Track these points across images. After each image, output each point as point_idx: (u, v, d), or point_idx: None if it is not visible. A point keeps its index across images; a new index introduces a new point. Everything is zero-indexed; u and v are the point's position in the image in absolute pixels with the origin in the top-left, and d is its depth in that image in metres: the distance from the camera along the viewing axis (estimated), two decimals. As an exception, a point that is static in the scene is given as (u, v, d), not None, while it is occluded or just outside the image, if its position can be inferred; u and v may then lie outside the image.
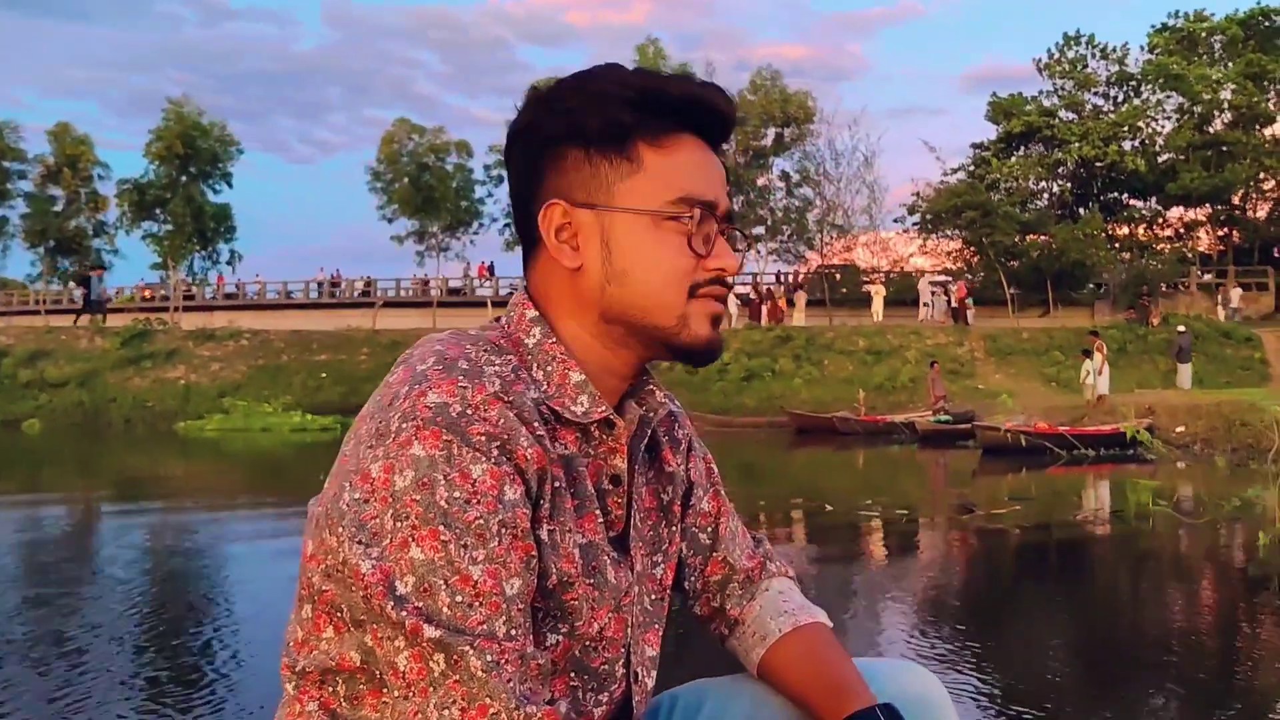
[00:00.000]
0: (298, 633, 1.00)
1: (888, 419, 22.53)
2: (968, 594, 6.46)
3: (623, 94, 1.00)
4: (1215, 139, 40.91)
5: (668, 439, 1.19)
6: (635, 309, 1.03)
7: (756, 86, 35.15)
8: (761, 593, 1.25)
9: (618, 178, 1.01)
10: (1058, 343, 31.11)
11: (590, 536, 1.02)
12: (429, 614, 0.88)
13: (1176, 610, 6.03)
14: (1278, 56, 42.44)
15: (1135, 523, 8.82)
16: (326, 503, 0.95)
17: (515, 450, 0.92)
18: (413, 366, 0.96)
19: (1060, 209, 41.79)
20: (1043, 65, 47.20)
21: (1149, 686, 4.33)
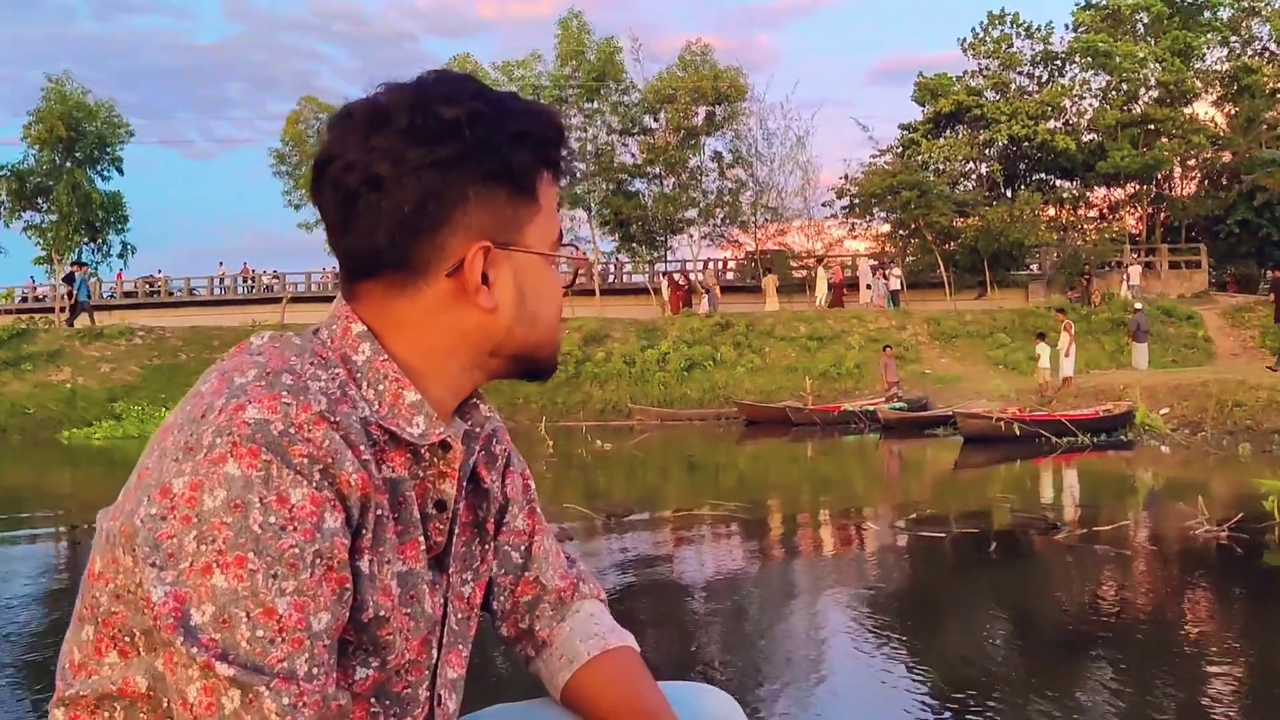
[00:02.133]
0: (74, 655, 0.94)
1: (841, 407, 21.15)
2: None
3: (538, 133, 0.99)
4: (1143, 117, 40.44)
5: (484, 454, 1.13)
6: (535, 345, 1.04)
7: (685, 63, 33.53)
8: (572, 614, 1.22)
9: (526, 219, 1.00)
10: (1001, 325, 30.24)
11: (410, 564, 0.99)
12: (225, 648, 0.82)
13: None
14: (1200, 33, 42.20)
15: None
16: (120, 517, 0.88)
17: (339, 475, 0.87)
18: (229, 377, 0.89)
19: (990, 190, 40.95)
20: (967, 45, 46.43)
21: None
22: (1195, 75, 41.79)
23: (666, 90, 32.68)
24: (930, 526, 7.55)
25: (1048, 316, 31.13)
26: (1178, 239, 40.52)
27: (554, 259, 1.05)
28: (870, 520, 8.05)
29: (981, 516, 8.35)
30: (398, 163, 0.94)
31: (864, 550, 6.97)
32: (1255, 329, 29.63)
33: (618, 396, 25.28)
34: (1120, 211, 44.57)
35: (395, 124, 0.95)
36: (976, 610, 5.33)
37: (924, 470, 13.54)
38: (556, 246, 1.05)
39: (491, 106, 0.98)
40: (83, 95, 31.64)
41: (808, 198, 35.51)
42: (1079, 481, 11.75)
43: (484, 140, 0.96)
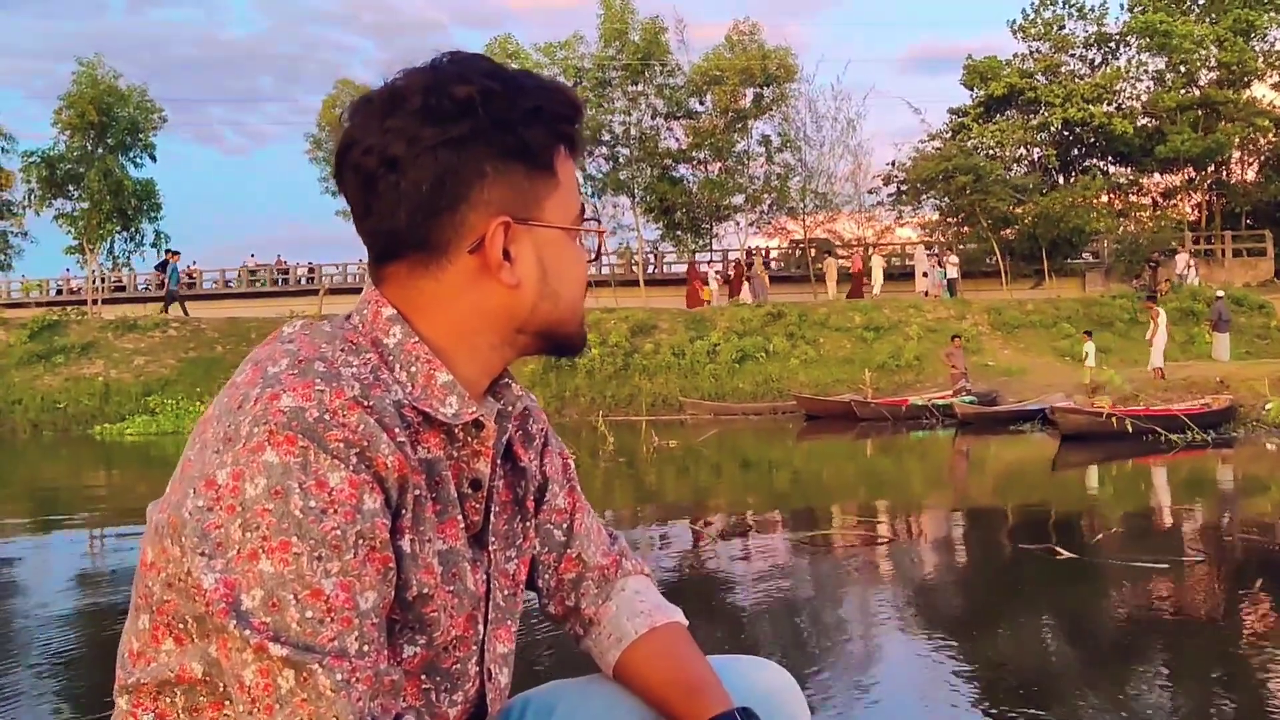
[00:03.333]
0: (133, 644, 0.96)
1: (909, 401, 20.00)
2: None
3: (553, 109, 1.00)
4: (1204, 99, 38.92)
5: (521, 434, 1.15)
6: (559, 322, 1.05)
7: (733, 43, 32.36)
8: (617, 593, 1.23)
9: (546, 194, 1.01)
10: (1064, 314, 28.98)
11: (450, 542, 1.00)
12: (277, 630, 0.85)
13: None
14: (1262, 11, 40.61)
15: None
16: (168, 509, 0.91)
17: (375, 458, 0.89)
18: (263, 367, 0.91)
19: (1044, 175, 39.56)
20: (1017, 28, 45.03)
21: None
22: (1258, 56, 40.25)
23: (713, 71, 31.55)
24: (1137, 552, 6.23)
25: (1113, 305, 29.92)
26: (1238, 226, 39.01)
27: (576, 233, 1.04)
28: (1062, 546, 6.44)
29: (1194, 538, 7.10)
30: (412, 143, 0.95)
31: (1098, 591, 5.27)
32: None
33: (668, 389, 24.24)
34: (1176, 197, 43.07)
35: (409, 105, 0.95)
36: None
37: (1039, 473, 12.38)
38: (579, 221, 1.05)
39: (504, 84, 0.98)
40: (114, 80, 30.85)
41: (858, 183, 34.22)
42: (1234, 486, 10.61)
43: (498, 117, 0.96)
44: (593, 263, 1.10)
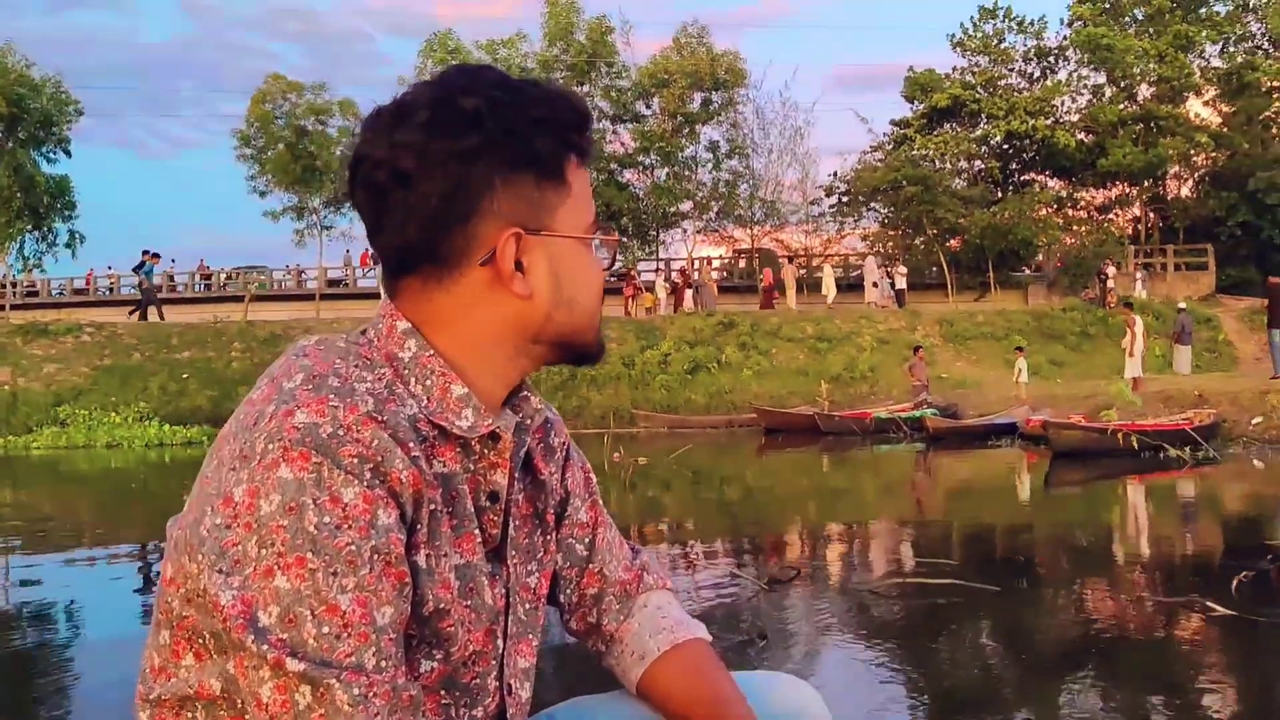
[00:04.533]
0: (154, 659, 0.96)
1: (872, 414, 19.24)
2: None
3: (563, 118, 1.00)
4: (1145, 113, 39.06)
5: (542, 446, 1.14)
6: (575, 331, 1.03)
7: (680, 45, 31.46)
8: (639, 609, 1.22)
9: (558, 203, 1.00)
10: (1015, 326, 28.62)
11: (468, 556, 0.99)
12: (294, 646, 0.84)
13: None
14: (1201, 27, 40.97)
15: None
16: (186, 527, 0.90)
17: (389, 473, 0.88)
18: (278, 383, 0.91)
19: (988, 187, 39.34)
20: (956, 41, 44.95)
21: None
22: (1196, 71, 40.57)
23: (661, 74, 30.64)
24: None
25: (1063, 318, 29.64)
26: (1176, 241, 39.14)
27: (589, 242, 1.04)
28: (1207, 598, 5.28)
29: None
30: (421, 156, 0.95)
31: None
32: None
33: (618, 401, 23.21)
34: (1112, 211, 43.21)
35: (417, 118, 0.95)
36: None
37: (1080, 498, 11.59)
38: (591, 229, 1.04)
39: (511, 94, 0.98)
40: (26, 69, 28.96)
41: (805, 193, 33.57)
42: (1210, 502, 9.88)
43: (506, 127, 0.96)
44: (607, 271, 1.08)
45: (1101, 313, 30.12)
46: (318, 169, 29.94)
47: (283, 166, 29.75)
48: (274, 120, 29.78)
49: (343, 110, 30.69)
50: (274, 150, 30.05)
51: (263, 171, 30.56)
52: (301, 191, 30.86)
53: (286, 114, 29.96)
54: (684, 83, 30.55)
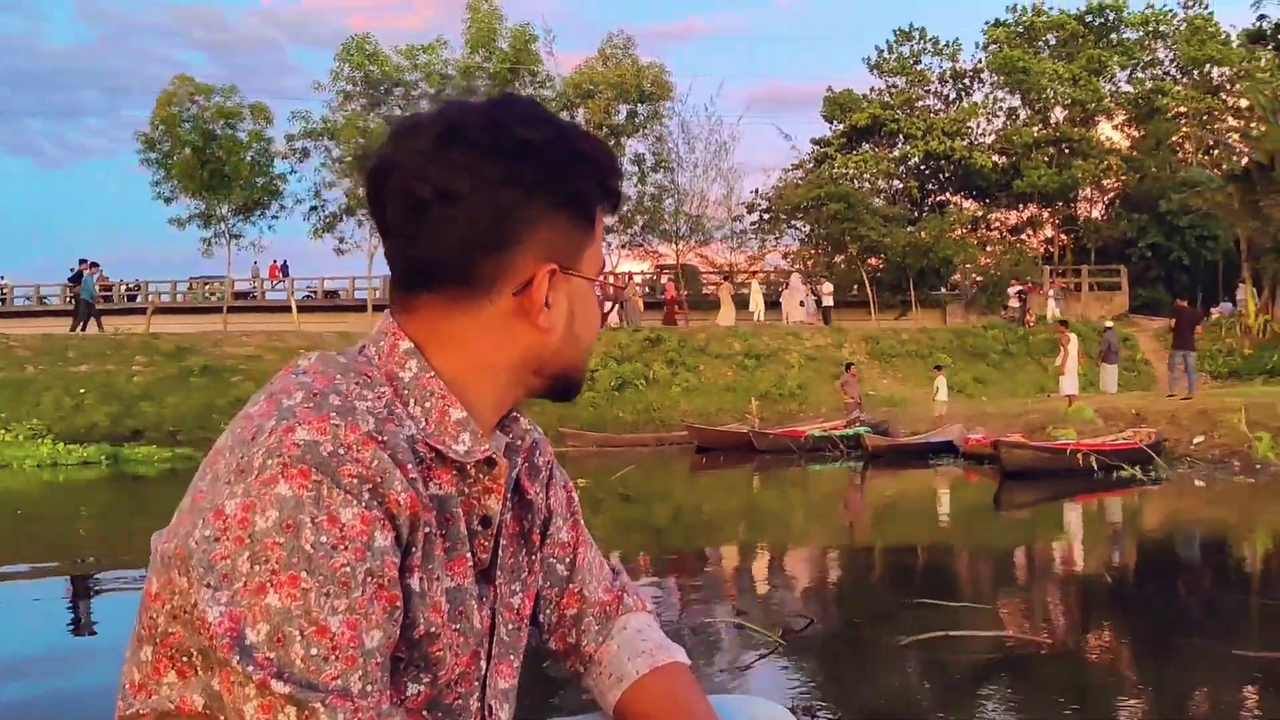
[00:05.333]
0: (134, 675, 0.94)
1: (806, 432, 18.82)
2: None
3: (604, 164, 1.02)
4: (1059, 136, 39.73)
5: (527, 465, 1.13)
6: (573, 367, 1.04)
7: (606, 56, 30.91)
8: (619, 631, 1.22)
9: (586, 243, 1.02)
10: (939, 344, 28.62)
11: (459, 580, 0.99)
12: (281, 666, 0.83)
13: None
14: (1112, 53, 41.90)
15: None
16: (176, 540, 0.89)
17: (388, 494, 0.88)
18: (278, 399, 0.90)
19: (907, 206, 39.61)
20: (873, 63, 45.40)
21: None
22: (1107, 95, 41.42)
23: (586, 84, 30.05)
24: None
25: (985, 337, 29.75)
26: (1087, 261, 39.81)
27: (596, 284, 1.05)
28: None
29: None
30: (476, 178, 0.95)
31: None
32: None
33: (544, 420, 22.37)
34: (1025, 232, 43.86)
35: (473, 140, 0.96)
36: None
37: (1030, 514, 11.21)
38: (600, 273, 1.06)
39: (561, 132, 0.99)
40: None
41: (730, 208, 33.27)
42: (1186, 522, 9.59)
43: (558, 164, 0.97)
44: (606, 315, 1.09)
45: (1022, 331, 30.33)
46: (226, 175, 28.66)
47: (189, 172, 28.38)
48: (181, 123, 28.42)
49: (254, 114, 29.47)
50: (180, 154, 28.68)
51: (168, 177, 29.13)
52: (209, 198, 29.50)
53: (194, 117, 28.61)
54: (609, 94, 30.02)
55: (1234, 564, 7.89)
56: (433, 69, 29.11)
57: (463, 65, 29.40)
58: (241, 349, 24.59)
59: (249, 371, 23.24)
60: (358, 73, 28.55)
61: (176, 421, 21.16)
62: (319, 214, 30.69)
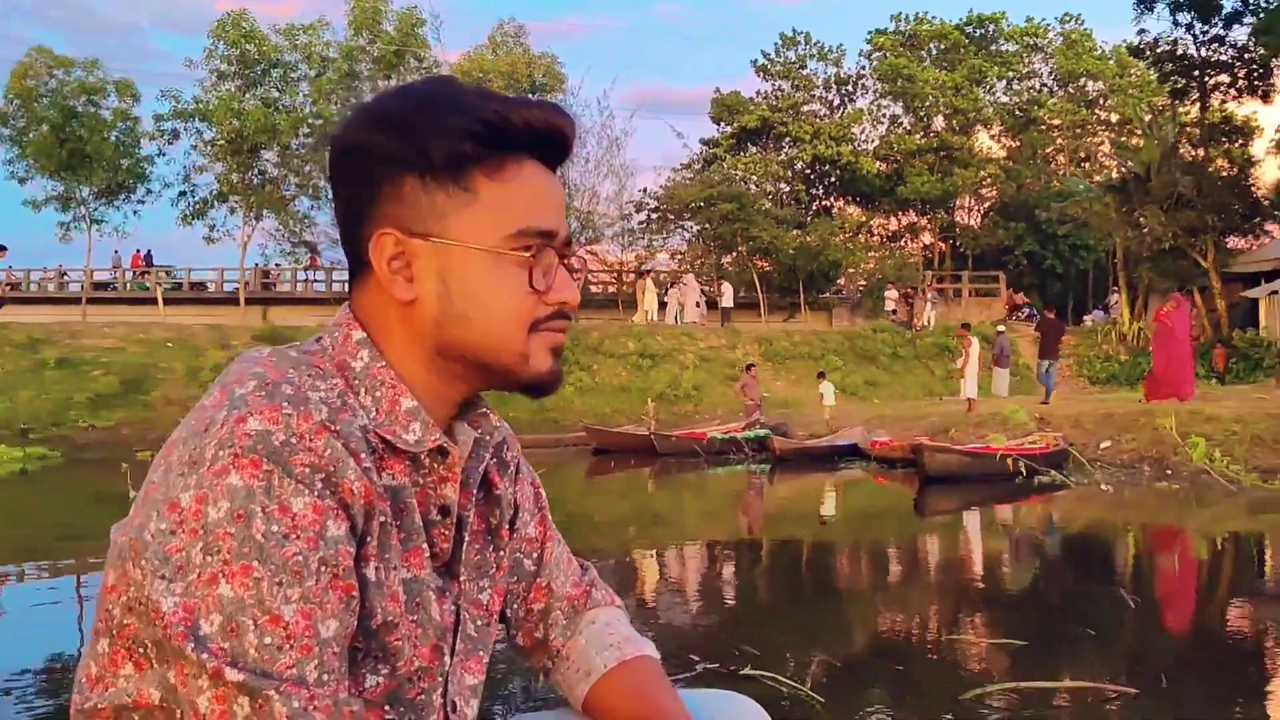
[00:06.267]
0: (91, 669, 0.93)
1: (706, 434, 18.32)
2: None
3: (463, 124, 0.94)
4: (940, 144, 40.32)
5: (496, 461, 1.12)
6: (475, 348, 0.98)
7: (496, 44, 29.94)
8: (586, 625, 1.21)
9: (453, 209, 0.96)
10: (831, 347, 28.59)
11: (415, 571, 0.98)
12: (234, 655, 0.82)
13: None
14: (992, 63, 42.78)
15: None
16: (130, 532, 0.89)
17: (341, 483, 0.87)
18: (230, 389, 0.90)
19: (797, 210, 39.65)
20: (760, 66, 45.47)
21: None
22: (987, 105, 42.26)
23: (475, 72, 29.03)
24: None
25: (875, 339, 29.85)
26: (966, 267, 40.51)
27: (504, 257, 0.96)
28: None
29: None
30: (334, 157, 0.98)
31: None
32: (1069, 358, 29.21)
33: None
34: (904, 239, 44.47)
35: (349, 122, 0.98)
36: None
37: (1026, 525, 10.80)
38: (508, 243, 0.96)
39: (425, 96, 0.96)
40: None
41: (621, 206, 32.67)
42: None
43: (403, 129, 0.94)
44: (546, 295, 0.98)
45: (910, 335, 30.54)
46: (88, 155, 26.67)
47: (46, 150, 26.26)
48: (38, 98, 26.31)
49: (120, 91, 27.53)
50: (37, 131, 26.58)
51: (22, 155, 26.98)
52: (68, 180, 27.42)
53: (53, 92, 26.54)
54: (499, 83, 29.06)
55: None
56: (313, 50, 27.70)
57: (345, 48, 28.06)
58: (102, 340, 22.94)
59: (110, 365, 21.66)
60: (233, 51, 26.94)
61: (30, 418, 19.51)
62: (188, 200, 28.91)
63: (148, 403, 21.00)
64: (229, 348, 24.92)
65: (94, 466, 16.78)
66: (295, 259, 33.65)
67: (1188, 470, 12.52)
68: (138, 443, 18.13)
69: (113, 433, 19.67)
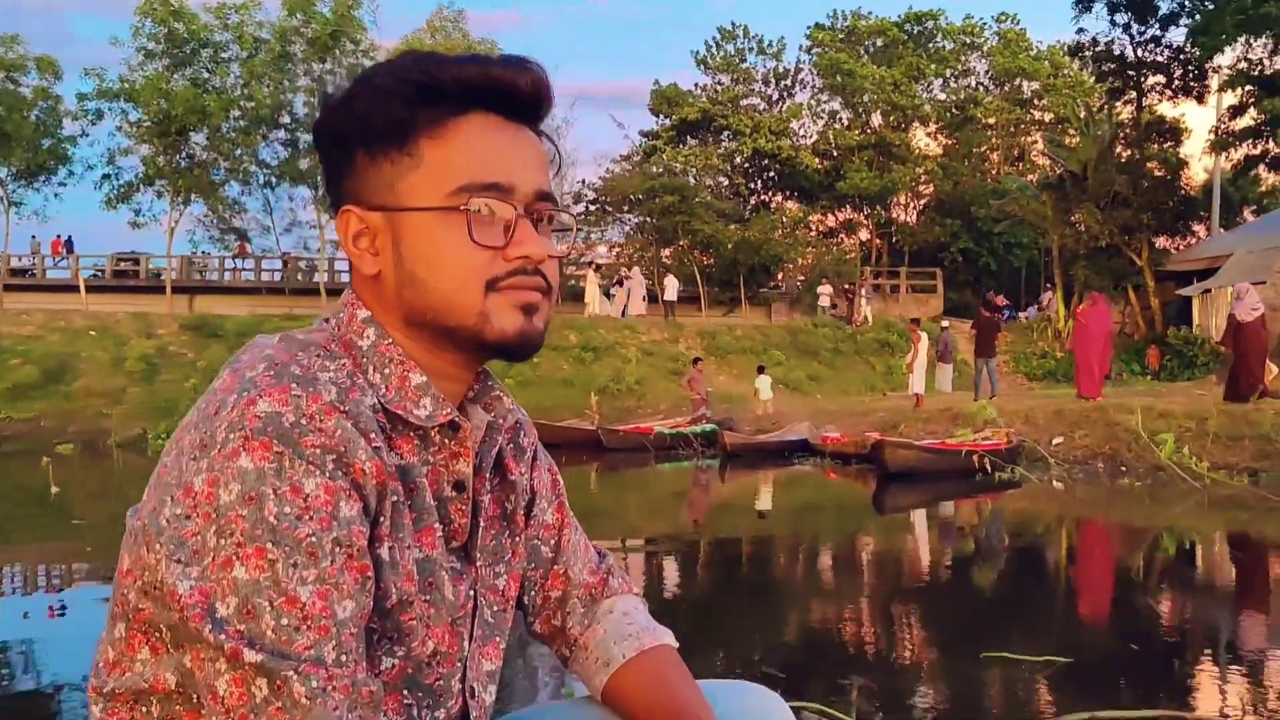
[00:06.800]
0: (108, 653, 0.93)
1: (653, 429, 18.00)
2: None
3: (399, 88, 0.94)
4: (879, 140, 40.42)
5: (512, 446, 1.11)
6: (431, 311, 0.96)
7: (435, 29, 29.21)
8: (604, 614, 1.20)
9: (398, 176, 0.95)
10: (773, 341, 28.41)
11: (428, 551, 0.97)
12: (251, 637, 0.82)
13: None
14: (930, 61, 43.02)
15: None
16: (145, 517, 0.89)
17: (353, 463, 0.87)
18: (240, 372, 0.90)
19: (737, 203, 39.50)
20: (700, 59, 45.30)
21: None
22: (925, 103, 42.49)
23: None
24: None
25: (816, 334, 29.77)
26: (903, 264, 40.72)
27: (449, 213, 0.94)
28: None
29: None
30: (315, 144, 1.00)
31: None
32: (1005, 354, 29.39)
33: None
34: (840, 235, 44.61)
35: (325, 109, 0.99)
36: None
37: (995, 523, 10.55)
38: (452, 198, 0.94)
39: (364, 74, 0.96)
40: None
41: (560, 197, 32.09)
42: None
43: (342, 106, 0.95)
44: (504, 248, 0.94)
45: (850, 330, 30.52)
46: (6, 134, 25.48)
47: (-40, 129, 25.15)
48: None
49: (40, 68, 26.38)
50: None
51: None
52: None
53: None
54: (440, 69, 28.49)
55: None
56: (245, 30, 26.80)
57: (278, 29, 27.20)
58: (20, 328, 21.97)
59: (29, 354, 20.73)
60: (161, 30, 25.93)
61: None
62: (113, 183, 27.80)
63: (69, 393, 20.14)
64: (154, 337, 24.03)
65: (12, 459, 15.95)
66: (225, 246, 32.58)
67: (1144, 466, 12.47)
68: (58, 435, 17.35)
69: (32, 425, 18.84)
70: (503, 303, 0.95)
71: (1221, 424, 12.40)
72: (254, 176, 29.19)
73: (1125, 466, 12.99)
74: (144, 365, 22.74)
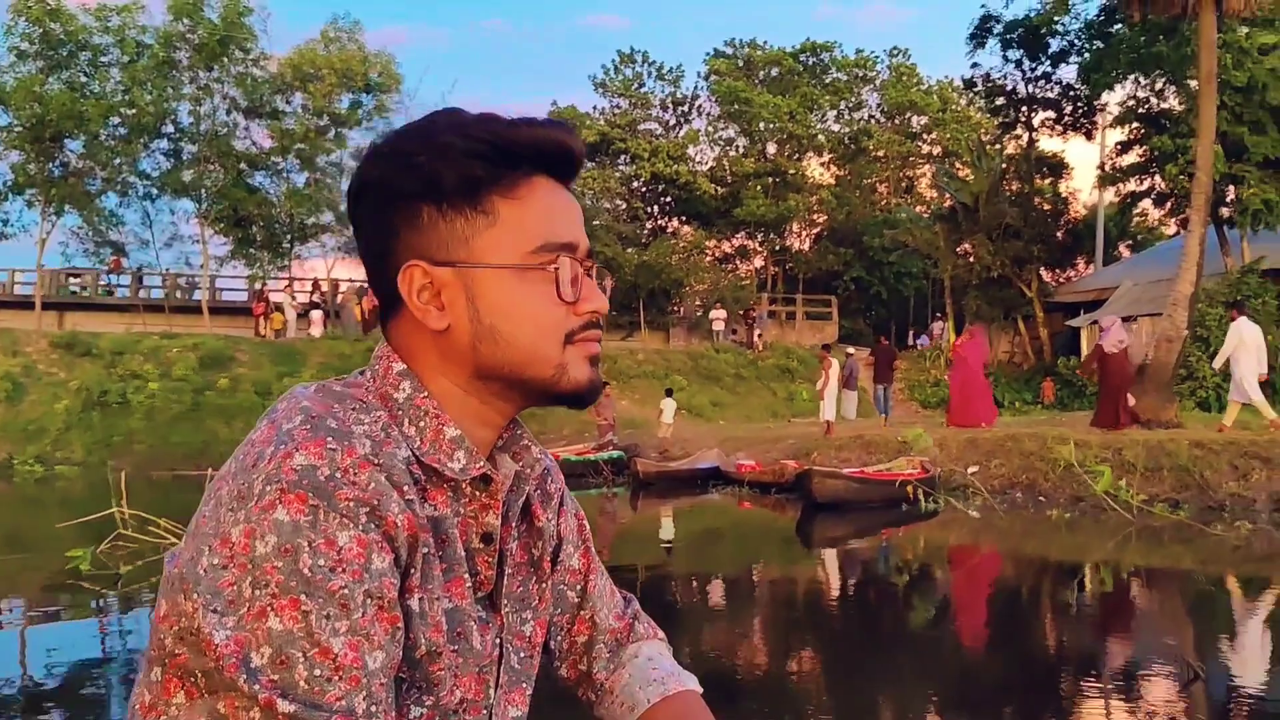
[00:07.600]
0: (145, 696, 0.93)
1: (559, 455, 17.42)
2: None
3: (471, 146, 0.95)
4: (775, 168, 40.73)
5: (539, 493, 1.13)
6: (511, 365, 0.98)
7: (330, 40, 28.20)
8: (630, 659, 1.22)
9: (473, 232, 0.97)
10: (675, 366, 28.20)
11: (457, 601, 0.99)
12: (285, 687, 0.83)
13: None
14: (824, 92, 43.61)
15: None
16: (182, 565, 0.89)
17: (385, 516, 0.88)
18: (278, 424, 0.91)
19: (637, 227, 39.28)
20: (599, 82, 45.13)
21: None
22: (820, 134, 42.99)
23: (307, 67, 27.32)
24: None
25: (718, 360, 29.66)
26: (798, 290, 41.04)
27: (529, 269, 0.96)
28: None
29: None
30: (351, 200, 0.99)
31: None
32: (901, 382, 29.67)
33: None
34: (735, 261, 44.78)
35: (358, 166, 1.00)
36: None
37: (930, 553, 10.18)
38: (532, 257, 0.97)
39: (422, 130, 0.97)
40: None
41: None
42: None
43: (407, 160, 0.96)
44: (578, 305, 0.98)
45: (751, 355, 30.45)
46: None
47: None
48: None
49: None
50: None
51: None
52: None
53: None
54: (332, 79, 27.43)
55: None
56: (127, 34, 25.44)
57: (163, 33, 25.89)
58: None
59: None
60: (35, 30, 24.44)
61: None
62: (33, 199, 26.03)
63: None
64: (20, 355, 22.55)
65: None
66: (100, 260, 30.87)
67: (1064, 496, 12.42)
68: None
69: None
70: (577, 355, 0.98)
71: (1138, 455, 12.43)
72: (133, 188, 27.71)
73: (1044, 496, 12.95)
74: (9, 385, 21.28)
